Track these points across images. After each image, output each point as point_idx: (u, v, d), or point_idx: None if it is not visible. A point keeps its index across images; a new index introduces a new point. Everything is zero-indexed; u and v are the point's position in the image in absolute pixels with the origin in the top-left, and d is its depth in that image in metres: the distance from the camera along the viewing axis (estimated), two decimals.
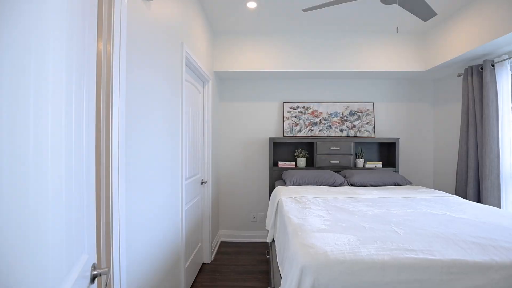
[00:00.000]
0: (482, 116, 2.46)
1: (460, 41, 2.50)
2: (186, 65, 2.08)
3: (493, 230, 1.38)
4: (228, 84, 3.41)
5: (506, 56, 2.34)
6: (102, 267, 1.01)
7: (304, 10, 2.12)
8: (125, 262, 1.10)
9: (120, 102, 1.08)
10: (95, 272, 0.70)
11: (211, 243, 2.84)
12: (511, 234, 1.32)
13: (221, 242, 3.33)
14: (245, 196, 3.41)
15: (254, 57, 3.00)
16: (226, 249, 3.12)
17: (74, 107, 0.59)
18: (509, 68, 2.35)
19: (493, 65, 2.38)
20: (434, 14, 2.07)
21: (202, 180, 2.61)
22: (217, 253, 3.02)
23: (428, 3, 2.10)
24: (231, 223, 3.41)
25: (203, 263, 2.74)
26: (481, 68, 2.49)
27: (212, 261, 2.81)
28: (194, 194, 2.36)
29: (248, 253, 3.02)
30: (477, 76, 2.51)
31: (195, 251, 2.42)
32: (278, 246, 1.76)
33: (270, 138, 3.10)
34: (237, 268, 2.65)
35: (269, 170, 3.08)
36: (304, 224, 1.46)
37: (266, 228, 2.31)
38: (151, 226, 1.40)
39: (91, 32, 0.79)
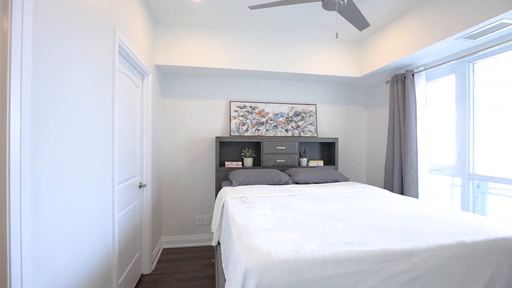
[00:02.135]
0: (404, 119, 2.80)
1: (387, 52, 2.80)
2: (119, 54, 1.85)
3: (415, 219, 1.56)
4: (171, 79, 3.20)
5: (422, 68, 2.71)
6: None
7: (251, 8, 2.10)
8: None
9: (22, 92, 0.87)
10: None
11: (152, 251, 2.60)
12: (428, 222, 1.51)
13: (164, 249, 3.10)
14: (190, 199, 3.24)
15: (200, 53, 2.86)
16: (169, 256, 2.91)
17: None
18: (424, 78, 2.72)
19: (413, 75, 2.73)
20: (368, 25, 2.26)
21: (141, 183, 2.37)
22: (158, 261, 2.79)
23: (363, 14, 2.31)
24: (174, 228, 3.20)
25: (142, 274, 2.49)
26: (404, 77, 2.83)
27: (152, 271, 2.58)
28: (130, 199, 2.13)
29: (193, 258, 2.87)
30: (401, 84, 2.85)
31: (132, 262, 2.18)
32: (223, 249, 1.69)
33: (216, 137, 3.00)
34: (180, 276, 2.49)
35: (216, 171, 2.99)
36: (249, 225, 1.42)
37: (212, 230, 2.21)
38: (72, 240, 1.18)
39: None
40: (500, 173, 2.13)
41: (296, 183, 2.81)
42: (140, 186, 2.36)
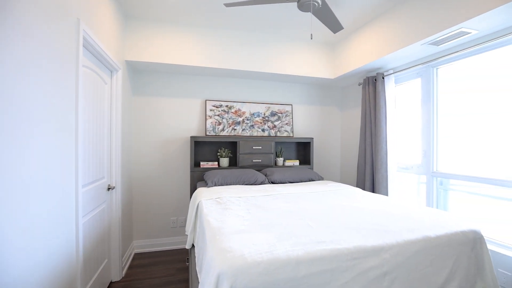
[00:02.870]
0: (375, 119, 2.91)
1: (359, 55, 2.90)
2: (84, 47, 1.73)
3: (385, 216, 1.62)
4: (143, 76, 3.06)
5: (392, 71, 2.84)
6: None
7: (226, 5, 2.07)
8: None
9: None
10: None
11: (122, 257, 2.47)
12: (397, 219, 1.57)
13: (135, 254, 2.96)
14: (163, 201, 3.13)
15: (174, 50, 2.77)
16: (141, 261, 2.78)
17: None
18: (393, 81, 2.85)
19: (383, 78, 2.85)
20: (341, 27, 2.32)
21: (109, 185, 2.24)
22: (129, 267, 2.66)
23: (337, 17, 2.36)
24: (147, 232, 3.07)
25: (111, 282, 2.36)
26: (375, 80, 2.95)
27: (123, 277, 2.45)
28: (97, 202, 2.00)
29: (167, 262, 2.77)
30: (372, 85, 2.97)
31: (99, 270, 2.05)
32: (197, 252, 1.64)
33: (191, 137, 2.93)
34: (153, 281, 2.39)
35: (191, 171, 2.91)
36: (223, 227, 1.39)
37: (186, 233, 2.15)
38: (25, 253, 1.07)
39: None
40: (459, 170, 2.29)
41: (272, 182, 2.82)
42: (109, 189, 2.23)
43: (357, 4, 2.43)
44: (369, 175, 2.95)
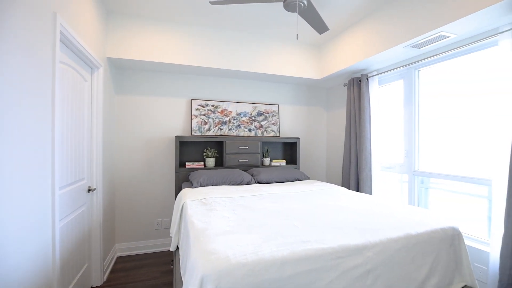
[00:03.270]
0: (360, 120, 2.96)
1: (344, 57, 2.94)
2: (62, 43, 1.65)
3: (368, 215, 1.64)
4: (126, 74, 2.97)
5: (376, 73, 2.90)
6: None
7: (212, 3, 2.04)
8: None
9: None
10: None
11: (103, 261, 2.39)
12: (380, 217, 1.60)
13: (118, 258, 2.87)
14: (148, 202, 3.05)
15: (159, 47, 2.70)
16: (124, 265, 2.70)
17: None
18: (377, 82, 2.91)
19: (367, 79, 2.91)
20: (327, 29, 2.35)
21: (89, 187, 2.16)
22: (111, 271, 2.57)
23: (322, 18, 2.39)
24: (130, 234, 2.98)
25: (91, 287, 2.27)
26: (360, 81, 3.00)
27: (104, 282, 2.36)
28: (76, 204, 1.92)
29: (151, 265, 2.70)
30: (357, 87, 3.02)
31: (79, 275, 1.97)
32: (181, 254, 1.61)
33: (176, 137, 2.87)
34: (136, 285, 2.32)
35: (176, 172, 2.85)
36: (208, 228, 1.37)
37: (171, 235, 2.10)
38: None
39: None
40: (439, 169, 2.37)
41: (259, 182, 2.81)
42: (89, 190, 2.14)
43: (342, 6, 2.46)
44: (354, 175, 3.01)
